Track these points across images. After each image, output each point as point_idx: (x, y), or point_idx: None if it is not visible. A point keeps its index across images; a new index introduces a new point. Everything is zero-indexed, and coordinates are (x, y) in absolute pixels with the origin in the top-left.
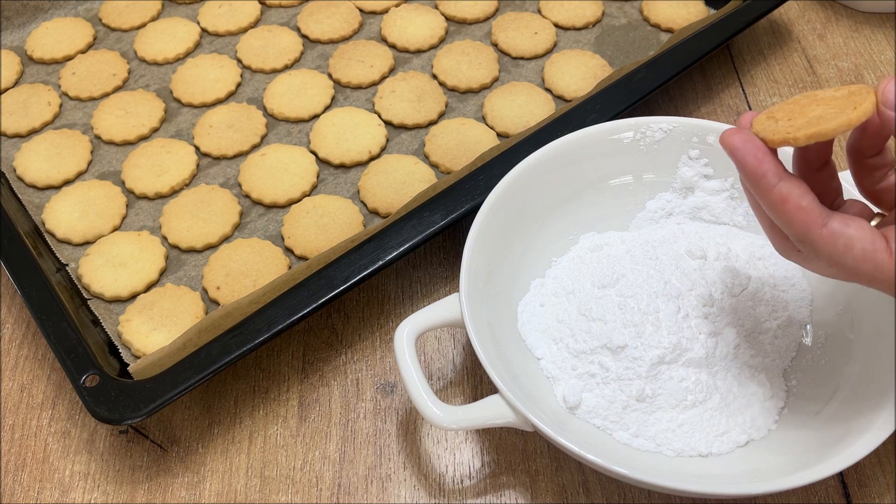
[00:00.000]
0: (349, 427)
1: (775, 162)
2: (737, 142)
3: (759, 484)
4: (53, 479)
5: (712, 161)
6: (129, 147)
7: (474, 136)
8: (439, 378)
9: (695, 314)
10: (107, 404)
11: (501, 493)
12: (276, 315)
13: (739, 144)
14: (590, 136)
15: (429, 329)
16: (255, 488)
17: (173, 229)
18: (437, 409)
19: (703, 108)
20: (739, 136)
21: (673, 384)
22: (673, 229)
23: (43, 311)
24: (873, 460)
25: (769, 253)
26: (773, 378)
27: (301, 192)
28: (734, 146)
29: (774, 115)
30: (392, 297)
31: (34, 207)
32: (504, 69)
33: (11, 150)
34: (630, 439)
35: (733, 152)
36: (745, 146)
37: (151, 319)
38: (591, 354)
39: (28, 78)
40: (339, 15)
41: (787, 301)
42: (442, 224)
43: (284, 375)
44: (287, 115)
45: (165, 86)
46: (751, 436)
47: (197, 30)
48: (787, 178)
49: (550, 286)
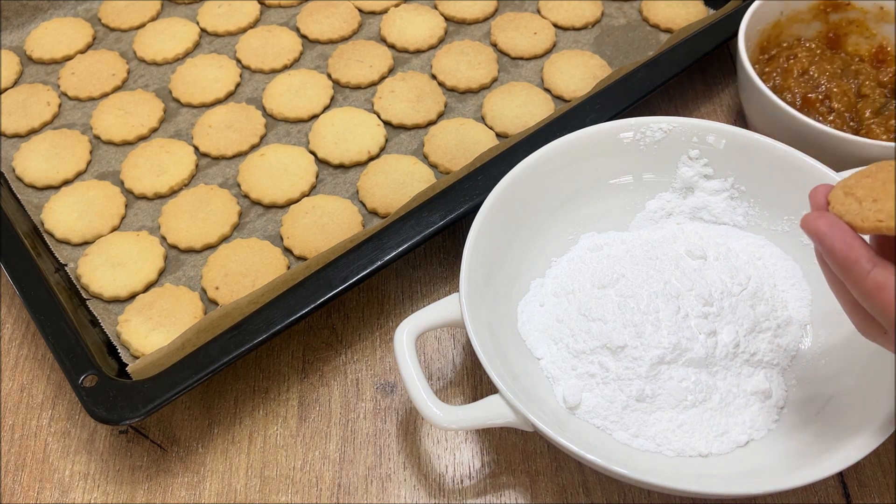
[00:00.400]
0: (349, 427)
1: (865, 246)
2: (822, 227)
3: (759, 484)
4: (53, 479)
5: (712, 161)
6: (128, 147)
7: (473, 136)
8: (439, 378)
9: (695, 314)
10: (105, 404)
11: (501, 493)
12: (275, 315)
13: (826, 230)
14: (589, 136)
15: (429, 329)
16: (255, 488)
17: (172, 229)
18: (437, 409)
19: (703, 108)
20: (824, 220)
21: (673, 384)
22: (673, 229)
23: (42, 312)
24: (873, 460)
25: (769, 253)
26: (772, 378)
27: (300, 192)
28: (820, 231)
29: (854, 193)
30: (392, 297)
31: (33, 207)
32: (503, 69)
33: (11, 150)
34: (630, 439)
35: (821, 238)
36: (832, 232)
37: (150, 319)
38: (591, 354)
39: (27, 78)
40: (339, 15)
41: (787, 301)
42: (441, 224)
43: (284, 375)
44: (286, 115)
45: (165, 86)
46: (751, 436)
47: (196, 30)
48: (881, 264)
49: (550, 286)
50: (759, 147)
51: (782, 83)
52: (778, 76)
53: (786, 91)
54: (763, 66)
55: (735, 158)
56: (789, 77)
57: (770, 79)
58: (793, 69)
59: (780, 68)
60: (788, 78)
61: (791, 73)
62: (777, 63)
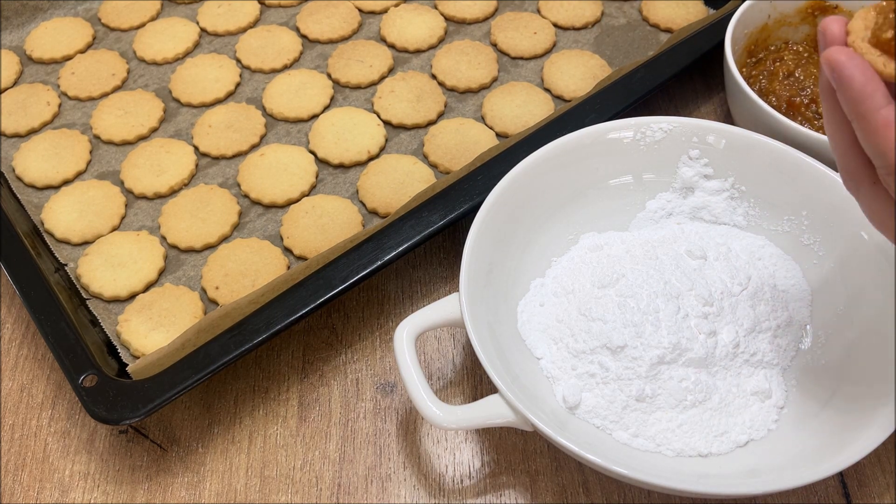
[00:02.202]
0: (349, 427)
1: (883, 85)
2: (843, 57)
3: (759, 484)
4: (53, 479)
5: (712, 161)
6: (128, 147)
7: (473, 135)
8: (439, 378)
9: (694, 314)
10: (105, 404)
11: (501, 493)
12: (275, 315)
13: (846, 60)
14: (590, 136)
15: (429, 329)
16: (254, 488)
17: (172, 229)
18: (437, 408)
19: (703, 108)
20: (846, 53)
21: (673, 384)
22: (673, 229)
23: (41, 311)
24: (873, 460)
25: (769, 253)
26: (772, 378)
27: (300, 192)
28: (839, 62)
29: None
30: (392, 297)
31: (33, 207)
32: (503, 69)
33: (10, 149)
34: (630, 439)
35: (840, 68)
36: (852, 62)
37: (150, 319)
38: (590, 354)
39: (27, 78)
40: (339, 15)
41: (787, 301)
42: (441, 224)
43: (284, 375)
44: (286, 114)
45: (164, 86)
46: (751, 436)
47: (196, 30)
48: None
49: (550, 286)
50: (759, 147)
51: (768, 86)
52: (764, 79)
53: (771, 94)
54: (750, 69)
55: (735, 158)
56: (775, 80)
57: (756, 82)
58: (778, 72)
59: (766, 71)
60: (774, 81)
61: (777, 76)
62: (764, 66)
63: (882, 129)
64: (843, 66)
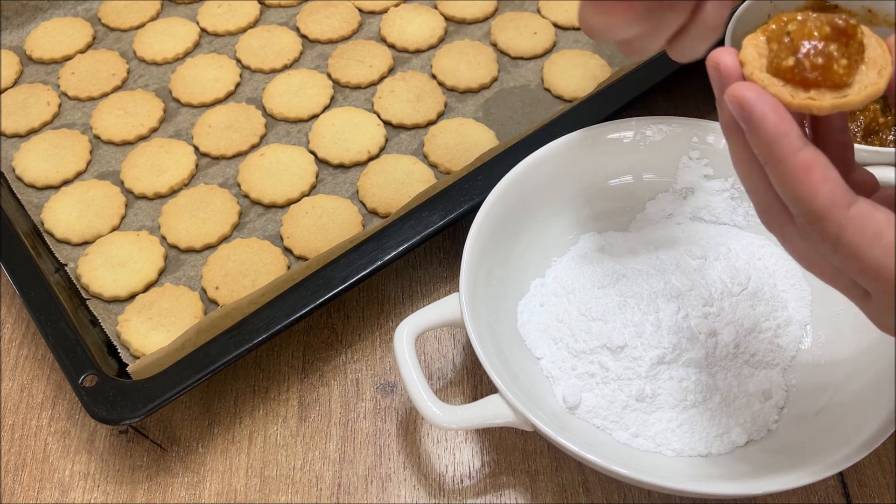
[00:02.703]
0: (349, 427)
1: (796, 124)
2: (751, 94)
3: (759, 484)
4: (53, 479)
5: (712, 161)
6: (128, 147)
7: (473, 135)
8: (439, 378)
9: (695, 314)
10: (105, 404)
11: (501, 493)
12: (275, 315)
13: (755, 98)
14: (590, 136)
15: (429, 329)
16: (254, 488)
17: (172, 229)
18: (437, 408)
19: (703, 108)
20: (753, 89)
21: (673, 384)
22: (673, 229)
23: (41, 311)
24: (873, 460)
25: (769, 253)
26: (772, 378)
27: (300, 192)
28: (747, 99)
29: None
30: (392, 296)
31: (33, 207)
32: (503, 69)
33: (10, 149)
34: (630, 439)
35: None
36: (762, 99)
37: (150, 319)
38: (590, 354)
39: (27, 78)
40: (339, 15)
41: (786, 301)
42: (441, 224)
43: (284, 375)
44: (286, 114)
45: (164, 86)
46: (751, 436)
47: (196, 30)
48: (811, 146)
49: (550, 286)
50: None
51: None
52: None
53: None
54: None
55: None
56: None
57: None
58: None
59: None
60: None
61: None
62: None
63: (801, 173)
64: (752, 104)
